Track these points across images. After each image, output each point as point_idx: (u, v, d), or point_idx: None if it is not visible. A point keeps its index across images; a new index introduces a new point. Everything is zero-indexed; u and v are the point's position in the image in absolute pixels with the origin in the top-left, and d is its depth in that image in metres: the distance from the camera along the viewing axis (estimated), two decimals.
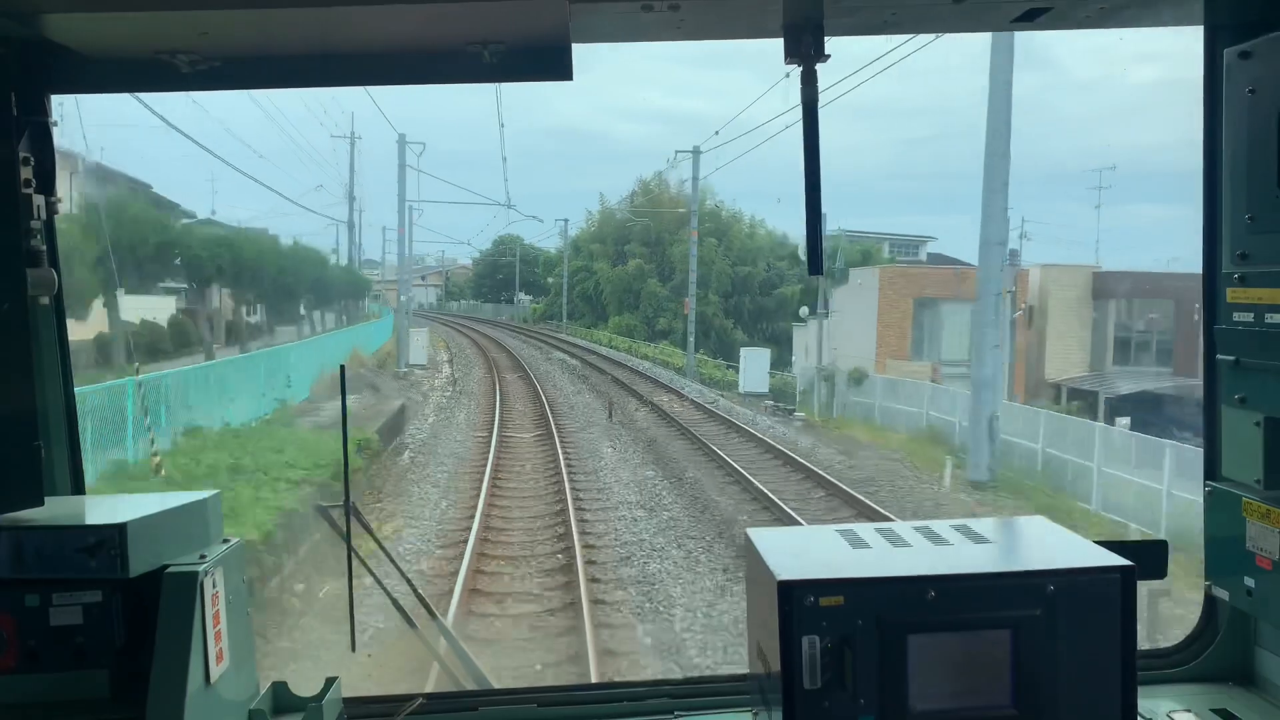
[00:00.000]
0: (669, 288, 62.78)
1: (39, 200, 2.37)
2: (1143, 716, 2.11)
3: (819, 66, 2.25)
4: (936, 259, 60.19)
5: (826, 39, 2.23)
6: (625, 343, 58.45)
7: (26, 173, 2.32)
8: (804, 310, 46.43)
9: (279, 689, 2.41)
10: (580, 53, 2.30)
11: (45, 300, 2.46)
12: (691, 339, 45.43)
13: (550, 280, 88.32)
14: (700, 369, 45.09)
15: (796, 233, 65.99)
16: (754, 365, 38.64)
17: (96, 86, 2.46)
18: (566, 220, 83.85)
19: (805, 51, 2.21)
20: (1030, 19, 2.24)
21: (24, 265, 2.27)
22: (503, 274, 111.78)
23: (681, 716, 2.51)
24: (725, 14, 2.23)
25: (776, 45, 2.25)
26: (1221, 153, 2.37)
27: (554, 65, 2.30)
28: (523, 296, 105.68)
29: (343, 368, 3.29)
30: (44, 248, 2.40)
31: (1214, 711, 2.41)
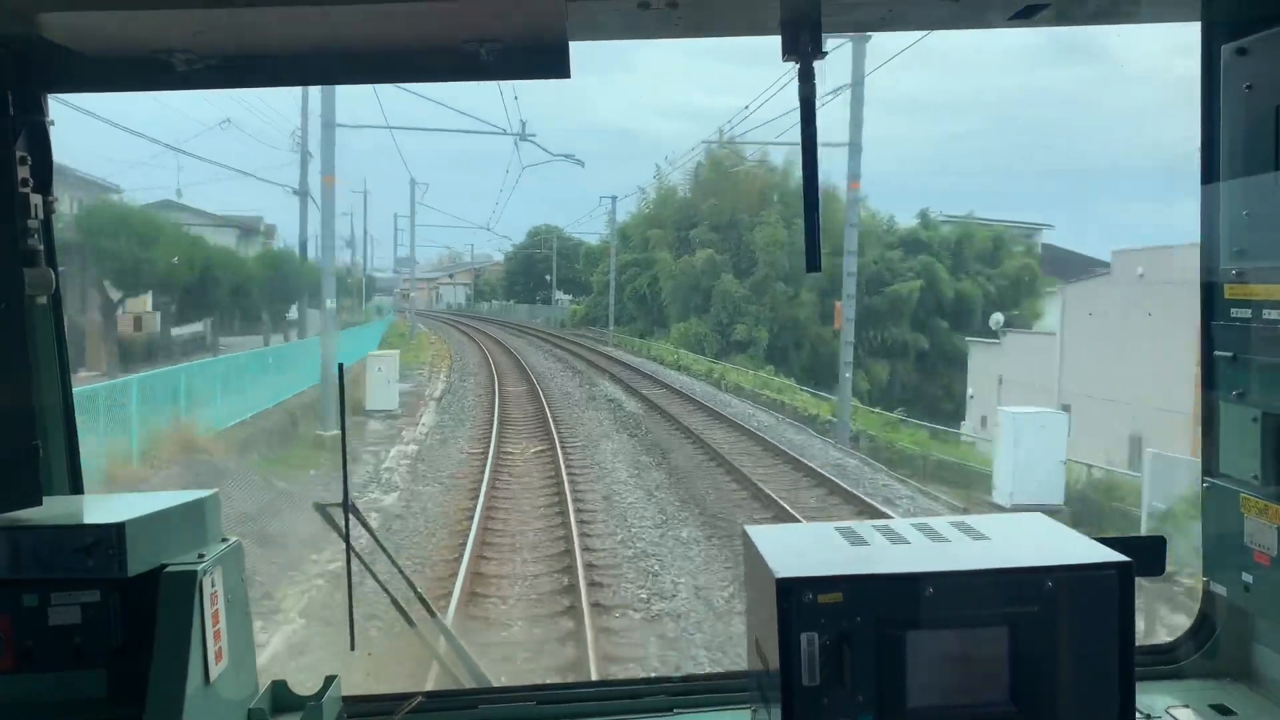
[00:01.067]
0: (748, 284, 48.17)
1: (36, 199, 2.37)
2: (1141, 713, 2.12)
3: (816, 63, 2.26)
4: (1050, 251, 49.84)
5: (824, 36, 2.24)
6: (705, 364, 40.89)
7: (24, 172, 2.32)
8: (996, 318, 34.90)
9: (278, 688, 2.42)
10: (621, 51, 2.28)
11: (43, 300, 2.46)
12: (847, 376, 25.54)
13: (594, 277, 71.84)
14: (859, 423, 26.18)
15: (905, 213, 52.67)
16: (1034, 444, 18.17)
17: (93, 85, 2.46)
18: (614, 198, 60.95)
19: (803, 49, 2.21)
20: (1027, 15, 2.24)
21: (21, 265, 2.28)
22: (538, 270, 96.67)
23: (680, 714, 2.51)
24: (722, 11, 2.23)
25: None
26: (1219, 149, 2.37)
27: (551, 63, 2.30)
28: (561, 296, 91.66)
29: (341, 366, 3.29)
30: (41, 247, 2.40)
31: (1212, 707, 2.41)
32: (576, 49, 2.31)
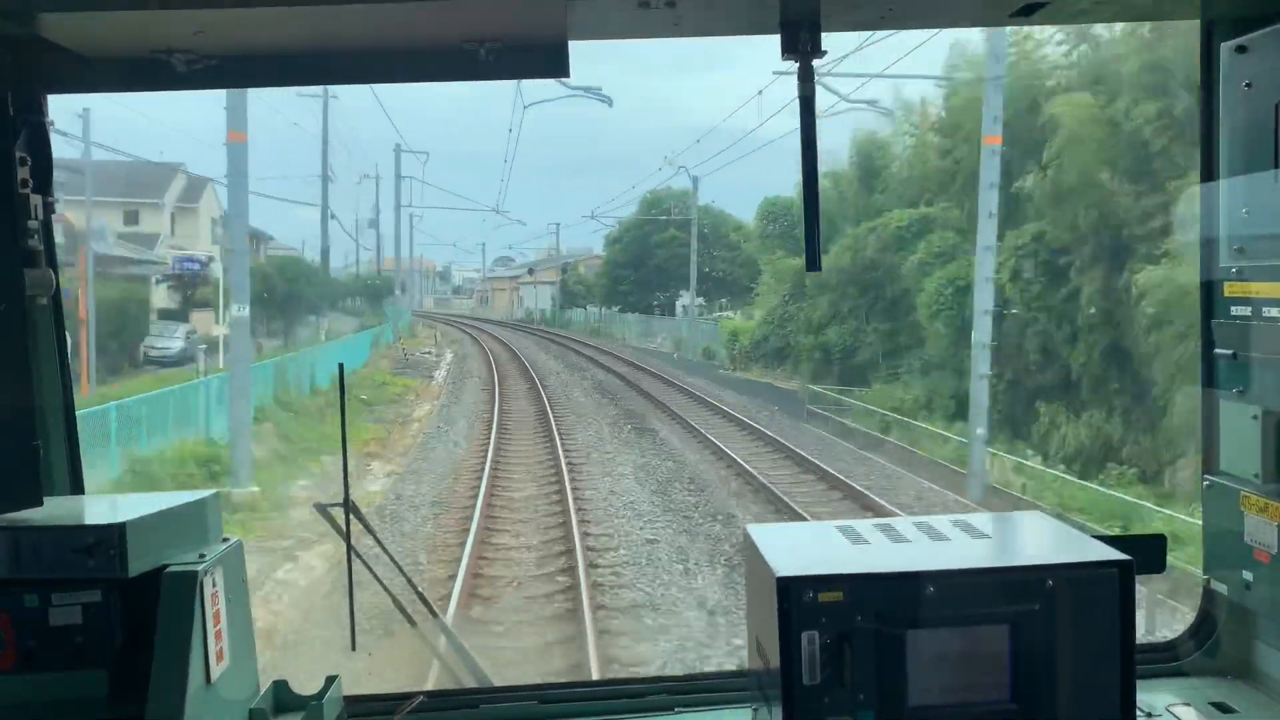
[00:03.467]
0: None
1: (36, 200, 2.37)
2: (1142, 711, 2.12)
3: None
4: None
5: (824, 35, 2.24)
6: None
7: (23, 173, 2.32)
8: None
9: (279, 688, 2.42)
10: (714, 47, 2.23)
11: (43, 300, 2.46)
12: None
13: (765, 265, 38.76)
14: None
15: None
16: None
17: (93, 86, 2.46)
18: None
19: (803, 48, 2.22)
20: (1027, 13, 2.25)
21: (21, 265, 2.28)
22: (657, 258, 60.57)
23: (682, 713, 2.51)
24: (722, 10, 2.23)
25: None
26: (1218, 147, 2.37)
27: (552, 63, 2.31)
28: (691, 301, 51.35)
29: (341, 366, 3.30)
30: (41, 248, 2.41)
31: (1213, 705, 2.41)
32: (582, 48, 2.31)
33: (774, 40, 2.22)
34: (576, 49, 2.32)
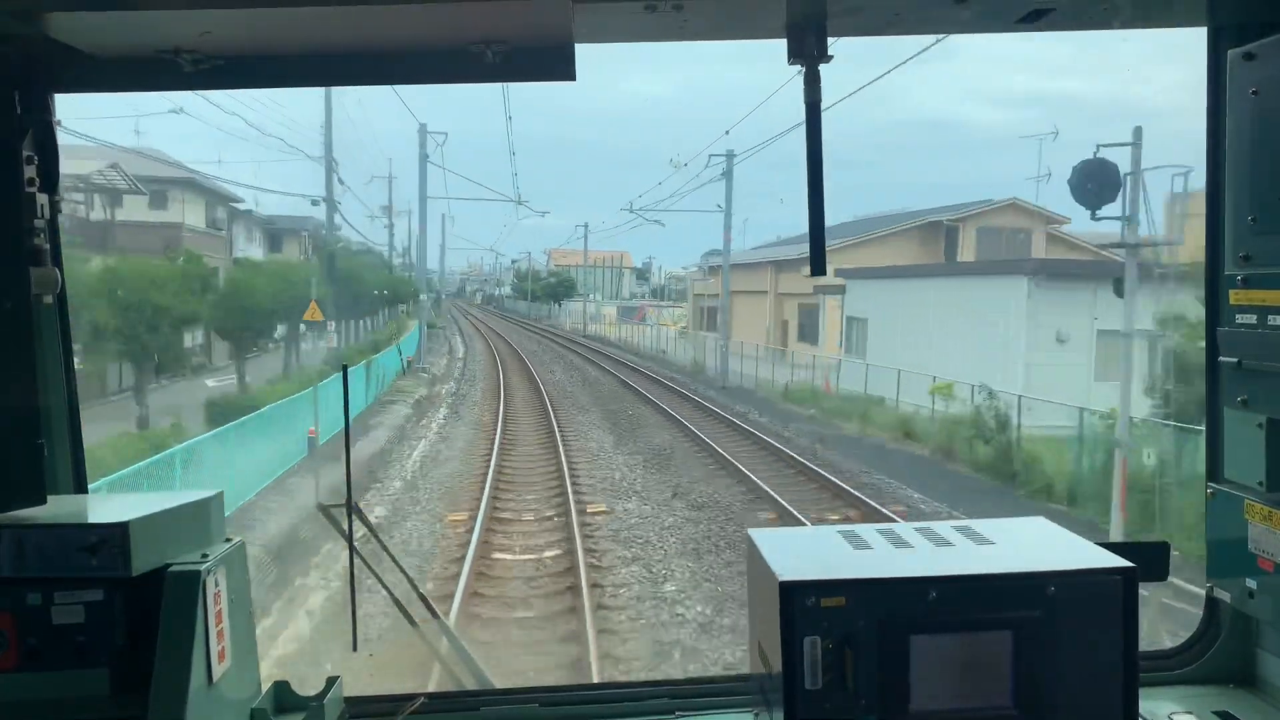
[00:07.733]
0: None
1: (42, 199, 2.38)
2: (1144, 718, 2.12)
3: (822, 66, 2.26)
4: None
5: (830, 39, 2.24)
6: None
7: (30, 172, 2.33)
8: None
9: (280, 688, 2.42)
10: (890, 40, 2.24)
11: (48, 299, 2.47)
12: None
13: None
14: None
15: None
16: None
17: (100, 85, 2.47)
18: None
19: (808, 52, 2.22)
20: (1034, 20, 2.25)
21: (27, 264, 2.28)
22: None
23: (682, 716, 2.51)
24: (728, 14, 2.24)
25: None
26: (1225, 154, 2.37)
27: (557, 65, 2.31)
28: None
29: (345, 366, 3.29)
30: (47, 246, 2.41)
31: (1215, 714, 2.41)
32: (585, 51, 2.32)
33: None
34: (583, 51, 2.33)
